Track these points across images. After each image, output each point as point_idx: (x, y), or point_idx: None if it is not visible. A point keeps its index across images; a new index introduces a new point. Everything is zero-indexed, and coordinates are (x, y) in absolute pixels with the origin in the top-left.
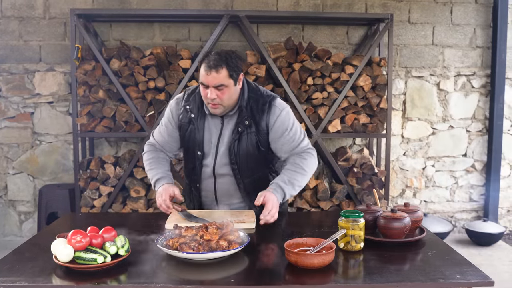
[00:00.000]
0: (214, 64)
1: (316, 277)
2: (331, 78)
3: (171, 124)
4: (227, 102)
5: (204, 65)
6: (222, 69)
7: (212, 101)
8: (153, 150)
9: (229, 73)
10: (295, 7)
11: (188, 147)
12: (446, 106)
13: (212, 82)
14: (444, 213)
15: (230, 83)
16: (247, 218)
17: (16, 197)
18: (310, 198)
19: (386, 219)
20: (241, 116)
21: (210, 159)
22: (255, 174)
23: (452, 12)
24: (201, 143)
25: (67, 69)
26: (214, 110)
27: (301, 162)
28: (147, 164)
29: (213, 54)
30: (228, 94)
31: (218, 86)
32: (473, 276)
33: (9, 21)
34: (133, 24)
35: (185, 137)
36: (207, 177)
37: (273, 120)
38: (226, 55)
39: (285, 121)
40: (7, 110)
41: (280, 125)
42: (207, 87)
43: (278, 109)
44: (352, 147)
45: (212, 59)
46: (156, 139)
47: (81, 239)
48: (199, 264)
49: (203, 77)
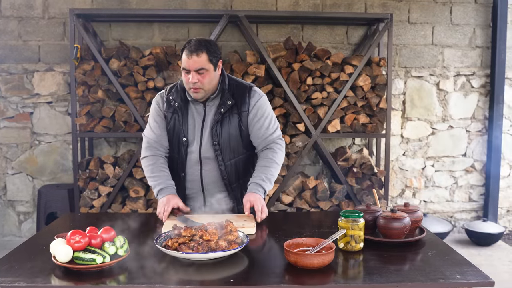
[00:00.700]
0: (195, 49)
1: (316, 277)
2: (331, 78)
3: (160, 117)
4: (208, 86)
5: (186, 50)
6: (202, 53)
7: (194, 85)
8: (153, 155)
9: (209, 57)
10: (294, 7)
11: (173, 135)
12: (446, 106)
13: (193, 66)
14: (444, 213)
15: (210, 67)
16: (247, 223)
17: (15, 197)
18: (310, 198)
19: (386, 219)
20: (224, 98)
21: (195, 145)
22: (236, 156)
23: (452, 12)
24: (185, 130)
25: (66, 69)
26: (196, 94)
27: (273, 156)
28: (148, 170)
29: (194, 41)
30: (209, 78)
31: (199, 69)
32: (473, 276)
33: (8, 21)
34: (132, 24)
35: (170, 126)
36: (193, 164)
37: (254, 102)
38: (206, 41)
39: (263, 106)
40: (6, 110)
41: (259, 108)
42: (189, 72)
43: (258, 94)
44: (351, 147)
45: (193, 44)
46: (149, 137)
47: (80, 239)
48: (198, 265)
49: (184, 62)
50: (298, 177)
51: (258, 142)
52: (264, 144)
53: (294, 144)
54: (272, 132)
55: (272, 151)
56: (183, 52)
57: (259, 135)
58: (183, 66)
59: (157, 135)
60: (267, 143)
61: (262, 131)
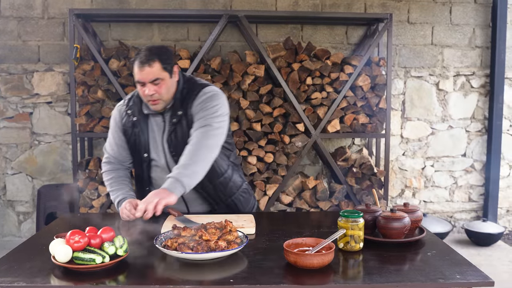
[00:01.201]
0: (146, 59)
1: (316, 277)
2: (330, 78)
3: (117, 133)
4: (166, 96)
5: (137, 62)
6: (154, 63)
7: (151, 97)
8: (112, 169)
9: (163, 65)
10: (294, 7)
11: (135, 151)
12: (445, 106)
13: (147, 77)
14: (444, 213)
15: (165, 75)
16: (246, 223)
17: (14, 198)
18: (309, 198)
19: (386, 219)
20: (175, 107)
21: (161, 157)
22: None
23: (451, 12)
24: (146, 144)
25: (66, 69)
26: (155, 106)
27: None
28: (107, 185)
29: (144, 51)
30: (166, 87)
31: (154, 80)
32: (473, 276)
33: (8, 21)
34: (132, 24)
35: (130, 142)
36: (162, 177)
37: (196, 104)
38: (156, 49)
39: (207, 101)
40: (6, 110)
41: (201, 104)
42: (144, 84)
43: (203, 93)
44: (351, 147)
45: (143, 55)
46: (109, 153)
47: (80, 239)
48: (197, 265)
49: (137, 75)
50: (298, 177)
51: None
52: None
53: (293, 144)
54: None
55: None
56: (134, 65)
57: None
58: (137, 79)
59: (115, 152)
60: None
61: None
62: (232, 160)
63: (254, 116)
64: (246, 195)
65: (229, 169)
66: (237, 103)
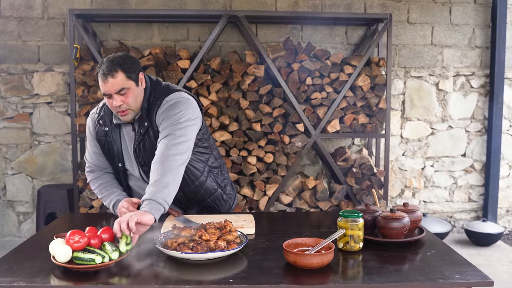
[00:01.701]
0: (109, 70)
1: (315, 277)
2: (330, 78)
3: (92, 141)
4: (135, 105)
5: (99, 75)
6: (117, 73)
7: (120, 108)
8: (97, 177)
9: (126, 75)
10: (294, 7)
11: (110, 160)
12: (445, 106)
13: (112, 89)
14: (443, 213)
15: (131, 84)
16: (246, 223)
17: (14, 198)
18: (309, 199)
19: (385, 219)
20: (142, 118)
21: (135, 169)
22: None
23: (451, 12)
24: (120, 154)
25: (66, 69)
26: (125, 117)
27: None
28: (97, 193)
29: (105, 62)
30: (133, 96)
31: (119, 91)
32: (472, 276)
33: (8, 21)
34: (132, 24)
35: (104, 150)
36: (142, 186)
37: (160, 112)
38: (118, 58)
39: (168, 108)
40: (6, 111)
41: (163, 111)
42: (110, 96)
43: (165, 101)
44: (351, 147)
45: (105, 66)
46: (89, 161)
47: (79, 239)
48: (197, 265)
49: (102, 87)
50: (298, 177)
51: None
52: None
53: (293, 144)
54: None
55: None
56: (98, 77)
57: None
58: (103, 92)
59: (94, 160)
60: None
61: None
62: (211, 164)
63: (254, 116)
64: (219, 201)
65: (204, 174)
66: (237, 103)
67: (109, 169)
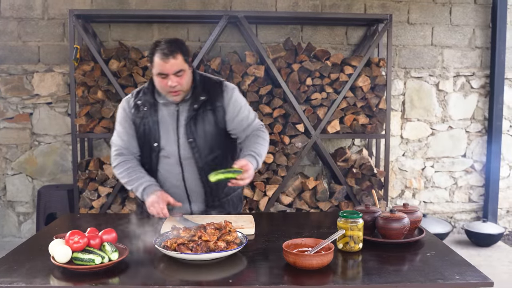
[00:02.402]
0: (170, 51)
1: (315, 277)
2: (330, 78)
3: (127, 122)
4: (186, 87)
5: (159, 54)
6: (178, 55)
7: (174, 88)
8: (125, 160)
9: (184, 57)
10: (294, 7)
11: (144, 142)
12: (445, 107)
13: (171, 69)
14: (444, 214)
15: (186, 67)
16: (246, 224)
17: (14, 198)
18: (309, 199)
19: (385, 219)
20: (195, 94)
21: (173, 147)
22: (214, 152)
23: (451, 12)
24: (157, 134)
25: (66, 69)
26: (176, 97)
27: (261, 135)
28: (124, 176)
29: (164, 43)
30: (187, 78)
31: (177, 72)
32: (472, 277)
33: (8, 22)
34: (132, 24)
35: (139, 132)
36: (172, 168)
37: (228, 99)
38: (177, 41)
39: (238, 99)
40: (6, 111)
41: (235, 103)
42: (166, 76)
43: (230, 89)
44: (351, 148)
45: (166, 47)
46: (119, 145)
47: (79, 240)
48: (197, 265)
49: (161, 67)
50: (298, 177)
51: (241, 134)
52: (248, 133)
53: (293, 145)
54: (252, 121)
55: (257, 136)
56: (154, 56)
57: (242, 127)
58: (159, 71)
59: (125, 142)
60: (250, 131)
61: (244, 123)
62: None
63: None
64: (237, 199)
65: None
66: None
67: (138, 155)
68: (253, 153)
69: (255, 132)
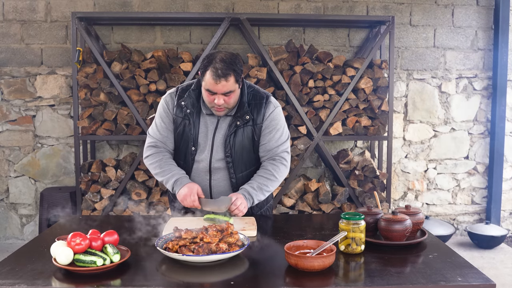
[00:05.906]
0: (223, 73)
1: (317, 279)
2: (332, 80)
3: (168, 117)
4: (233, 105)
5: (212, 74)
6: (230, 77)
7: (220, 107)
8: (159, 152)
9: (236, 78)
10: (296, 10)
11: (181, 142)
12: (448, 109)
13: (221, 90)
14: (446, 216)
15: (236, 87)
16: (248, 226)
17: (17, 200)
18: (312, 201)
19: (387, 221)
20: (241, 111)
21: (206, 153)
22: (248, 168)
23: (454, 14)
24: (196, 138)
25: (69, 72)
26: (220, 113)
27: (273, 169)
28: (155, 167)
29: (219, 62)
30: (235, 97)
31: (227, 93)
32: (474, 279)
33: (11, 24)
34: (134, 27)
35: (178, 132)
36: (201, 173)
37: (268, 113)
38: (231, 61)
39: (276, 117)
40: (9, 113)
41: (272, 120)
42: (214, 94)
43: (273, 105)
44: (353, 150)
45: (220, 67)
46: (154, 136)
47: (81, 242)
48: (199, 267)
49: (211, 85)
50: (300, 179)
51: (263, 153)
52: (269, 156)
53: (296, 147)
54: (279, 144)
55: (273, 165)
56: (206, 72)
57: (267, 147)
58: (208, 88)
59: (163, 136)
60: (271, 155)
61: (271, 143)
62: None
63: None
64: (270, 211)
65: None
66: None
67: (172, 149)
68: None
69: (274, 159)
